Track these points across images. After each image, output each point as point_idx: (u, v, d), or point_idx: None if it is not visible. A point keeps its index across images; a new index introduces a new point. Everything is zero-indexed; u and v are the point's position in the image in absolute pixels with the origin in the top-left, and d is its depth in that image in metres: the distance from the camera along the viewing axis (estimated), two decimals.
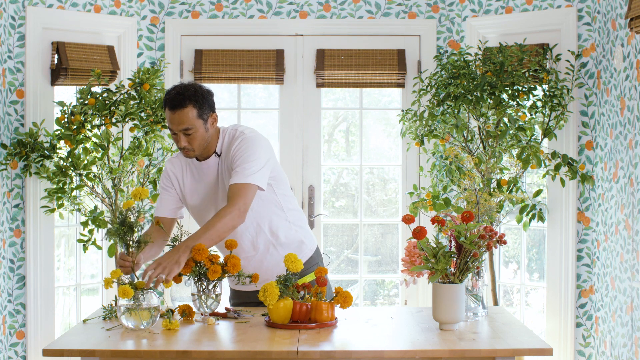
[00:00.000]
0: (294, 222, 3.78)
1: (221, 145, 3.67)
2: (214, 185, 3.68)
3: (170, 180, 3.75)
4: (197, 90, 3.55)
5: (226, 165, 3.63)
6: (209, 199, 3.71)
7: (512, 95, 4.83)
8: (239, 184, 3.49)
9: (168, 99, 3.53)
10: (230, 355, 3.07)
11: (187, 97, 3.51)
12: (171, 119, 3.52)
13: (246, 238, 3.70)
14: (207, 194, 3.70)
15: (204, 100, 3.56)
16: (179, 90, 3.53)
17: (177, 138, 3.56)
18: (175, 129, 3.53)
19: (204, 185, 3.70)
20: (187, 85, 3.57)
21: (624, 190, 4.40)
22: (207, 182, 3.69)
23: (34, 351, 4.94)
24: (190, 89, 3.54)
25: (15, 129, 4.85)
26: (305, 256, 3.80)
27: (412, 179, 5.49)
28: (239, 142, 3.62)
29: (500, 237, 3.27)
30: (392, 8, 5.48)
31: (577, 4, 4.95)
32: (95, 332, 3.29)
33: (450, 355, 3.03)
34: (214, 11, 5.49)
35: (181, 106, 3.50)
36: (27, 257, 4.90)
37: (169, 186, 3.75)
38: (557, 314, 5.06)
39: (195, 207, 3.75)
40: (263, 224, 3.71)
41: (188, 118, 3.51)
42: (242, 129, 3.71)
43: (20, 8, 4.85)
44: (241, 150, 3.58)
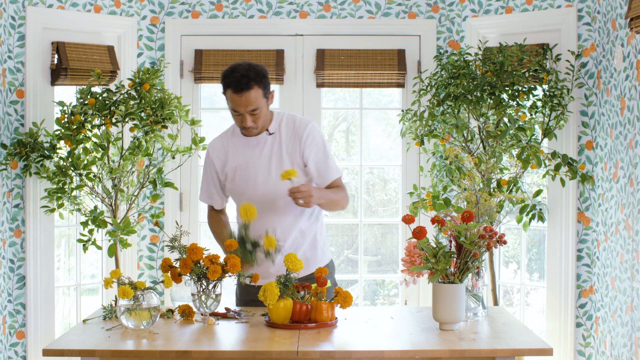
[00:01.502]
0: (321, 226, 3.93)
1: (277, 125, 3.80)
2: (258, 161, 3.78)
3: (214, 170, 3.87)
4: (258, 71, 3.65)
5: (286, 146, 3.76)
6: (250, 173, 3.80)
7: (512, 95, 4.83)
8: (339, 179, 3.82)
9: (232, 81, 3.62)
10: (230, 355, 3.07)
11: (252, 78, 3.61)
12: (237, 101, 3.62)
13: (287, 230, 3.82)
14: (251, 170, 3.80)
15: (266, 80, 3.69)
16: (243, 73, 3.61)
17: (241, 118, 3.68)
18: (242, 110, 3.64)
19: (249, 159, 3.80)
20: (248, 65, 3.66)
21: (624, 190, 4.40)
22: (253, 157, 3.79)
23: (34, 351, 4.94)
24: (252, 70, 3.64)
25: (15, 129, 4.85)
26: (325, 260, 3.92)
27: (412, 179, 5.49)
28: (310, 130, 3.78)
29: (500, 237, 3.28)
30: (392, 8, 5.48)
31: (577, 4, 4.95)
32: (95, 332, 3.29)
33: (450, 355, 3.04)
34: (214, 11, 5.49)
35: (247, 88, 3.60)
36: (27, 257, 4.90)
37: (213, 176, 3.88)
38: (557, 314, 5.06)
39: (237, 181, 3.83)
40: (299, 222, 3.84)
41: (255, 99, 3.63)
42: (302, 117, 3.89)
43: (20, 8, 4.85)
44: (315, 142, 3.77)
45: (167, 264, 3.48)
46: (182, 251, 3.48)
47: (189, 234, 3.67)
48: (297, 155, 3.77)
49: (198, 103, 5.56)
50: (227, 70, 3.67)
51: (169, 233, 5.25)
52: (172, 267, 3.48)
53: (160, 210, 5.44)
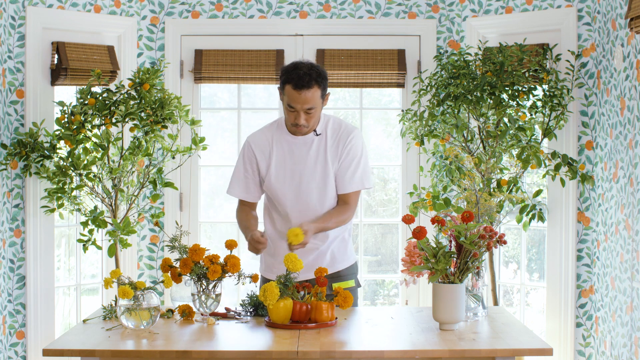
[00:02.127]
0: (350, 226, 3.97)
1: (324, 126, 3.83)
2: (304, 161, 3.80)
3: (255, 162, 3.87)
4: (320, 72, 3.69)
5: (330, 149, 3.79)
6: (295, 173, 3.82)
7: (512, 95, 4.83)
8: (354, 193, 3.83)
9: (294, 77, 3.64)
10: (230, 355, 3.07)
11: (314, 77, 3.64)
12: (296, 98, 3.65)
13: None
14: (296, 168, 3.81)
15: (326, 82, 3.72)
16: (305, 71, 3.64)
17: (295, 115, 3.70)
18: (299, 107, 3.66)
19: (294, 159, 3.82)
20: (310, 65, 3.70)
21: (624, 190, 4.40)
22: (297, 156, 3.81)
23: (34, 351, 4.94)
24: (314, 69, 3.67)
25: (15, 129, 4.85)
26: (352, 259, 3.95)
27: (412, 179, 5.49)
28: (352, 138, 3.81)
29: (500, 237, 3.28)
30: (392, 8, 5.48)
31: (577, 4, 4.95)
32: (95, 332, 3.29)
33: (450, 355, 3.04)
34: (214, 11, 5.49)
35: (308, 86, 3.63)
36: (27, 257, 4.90)
37: (253, 169, 3.88)
38: (557, 314, 5.06)
39: (279, 180, 3.84)
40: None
41: (313, 98, 3.66)
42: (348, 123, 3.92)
43: (20, 8, 4.85)
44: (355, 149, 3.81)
45: (167, 264, 3.48)
46: (182, 251, 3.48)
47: (189, 234, 3.67)
48: (337, 160, 3.80)
49: (198, 103, 5.56)
50: (289, 66, 3.70)
51: (169, 233, 5.25)
52: (172, 267, 3.48)
53: (160, 210, 5.44)
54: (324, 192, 3.81)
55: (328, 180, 3.80)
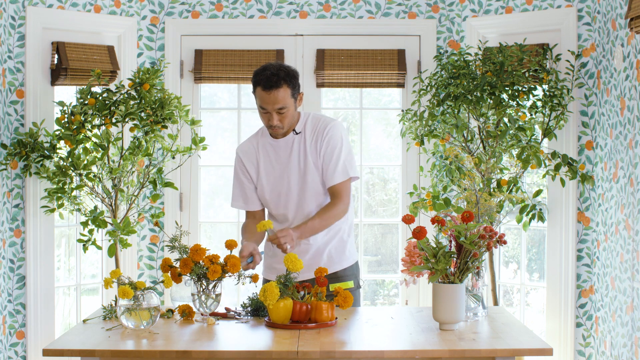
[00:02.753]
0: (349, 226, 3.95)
1: (303, 124, 3.84)
2: (288, 162, 3.82)
3: (246, 171, 3.89)
4: (289, 71, 3.70)
5: (309, 145, 3.79)
6: (283, 175, 3.83)
7: (512, 95, 4.83)
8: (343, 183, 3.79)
9: (262, 79, 3.66)
10: (230, 355, 3.07)
11: (282, 77, 3.66)
12: (266, 99, 3.67)
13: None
14: (282, 170, 3.83)
15: (296, 81, 3.73)
16: (273, 71, 3.66)
17: (268, 116, 3.71)
18: (270, 108, 3.68)
19: (279, 161, 3.84)
20: (279, 65, 3.71)
21: (624, 190, 4.40)
22: (282, 159, 3.83)
23: (34, 351, 4.94)
24: (283, 69, 3.69)
25: (15, 129, 4.85)
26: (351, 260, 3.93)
27: (412, 179, 5.49)
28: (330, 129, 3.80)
29: (500, 237, 3.28)
30: (392, 8, 5.48)
31: (577, 4, 4.95)
32: (95, 332, 3.29)
33: (450, 355, 3.03)
34: (214, 11, 5.49)
35: (277, 86, 3.65)
36: (27, 257, 4.90)
37: (247, 179, 3.89)
38: (557, 314, 5.06)
39: (269, 185, 3.86)
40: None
41: (283, 98, 3.67)
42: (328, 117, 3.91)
43: (20, 8, 4.85)
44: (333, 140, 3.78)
45: (167, 264, 3.48)
46: (182, 251, 3.48)
47: (189, 234, 3.67)
48: (317, 154, 3.80)
49: (198, 103, 5.56)
50: (259, 69, 3.72)
51: (169, 233, 5.25)
52: (172, 267, 3.48)
53: (160, 210, 5.44)
54: (311, 189, 3.81)
55: (312, 177, 3.80)
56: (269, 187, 3.85)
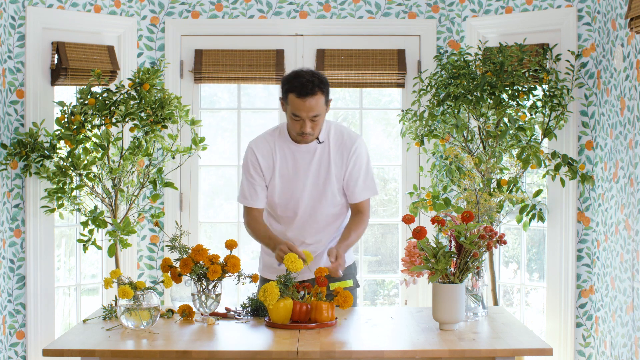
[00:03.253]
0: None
1: (326, 134, 3.82)
2: (307, 169, 3.81)
3: (259, 168, 3.85)
4: (322, 78, 3.69)
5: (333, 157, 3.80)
6: (298, 181, 3.82)
7: (512, 95, 4.83)
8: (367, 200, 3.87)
9: (296, 86, 3.63)
10: (230, 355, 3.07)
11: (317, 84, 3.64)
12: (301, 106, 3.63)
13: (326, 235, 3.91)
14: (298, 176, 3.82)
15: (328, 88, 3.72)
16: (308, 78, 3.64)
17: (301, 124, 3.68)
18: (304, 115, 3.65)
19: (297, 167, 3.82)
20: (311, 72, 3.70)
21: (624, 190, 4.40)
22: (301, 164, 3.81)
23: (34, 351, 4.94)
24: (316, 76, 3.67)
25: (15, 129, 4.85)
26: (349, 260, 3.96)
27: (412, 179, 5.49)
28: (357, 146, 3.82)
29: (500, 237, 3.28)
30: (392, 8, 5.48)
31: (577, 4, 4.95)
32: (95, 332, 3.29)
33: (450, 355, 3.04)
34: (214, 11, 5.49)
35: (312, 93, 3.63)
36: (27, 257, 4.90)
37: (259, 175, 3.86)
38: (557, 314, 5.06)
39: (282, 188, 3.85)
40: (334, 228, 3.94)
41: (317, 105, 3.65)
42: (350, 130, 3.91)
43: (20, 8, 4.85)
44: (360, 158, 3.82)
45: (167, 264, 3.48)
46: (182, 251, 3.48)
47: (189, 234, 3.67)
48: (342, 169, 3.82)
49: (198, 103, 5.56)
50: (291, 75, 3.68)
51: (169, 233, 5.25)
52: (172, 267, 3.48)
53: (160, 210, 5.44)
54: (327, 199, 3.84)
55: (331, 188, 3.82)
56: (280, 190, 3.84)
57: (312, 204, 3.83)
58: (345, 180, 3.82)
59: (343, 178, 3.83)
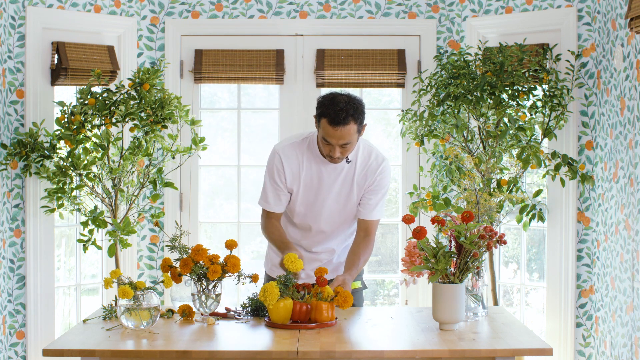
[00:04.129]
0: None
1: (355, 154, 3.80)
2: (331, 185, 3.80)
3: (283, 175, 3.82)
4: (357, 107, 3.62)
5: (358, 177, 3.79)
6: (320, 195, 3.82)
7: (512, 95, 4.83)
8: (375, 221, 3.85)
9: (331, 113, 3.57)
10: (230, 355, 3.07)
11: (351, 114, 3.57)
12: (331, 134, 3.60)
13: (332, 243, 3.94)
14: (321, 190, 3.82)
15: (363, 116, 3.66)
16: (342, 106, 3.57)
17: (330, 148, 3.65)
18: (334, 142, 3.62)
19: (321, 182, 3.81)
20: (348, 99, 3.61)
21: (624, 190, 4.40)
22: (326, 179, 3.80)
23: (34, 351, 4.94)
24: (352, 105, 3.59)
25: (15, 129, 4.85)
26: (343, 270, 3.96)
27: (412, 179, 5.49)
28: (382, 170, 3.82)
29: (500, 237, 3.28)
30: (392, 8, 5.48)
31: (577, 4, 4.95)
32: (95, 332, 3.29)
33: (450, 355, 3.04)
34: (214, 11, 5.49)
35: (344, 123, 3.57)
36: (27, 257, 4.90)
37: (282, 182, 3.83)
38: (557, 314, 5.06)
39: (304, 199, 3.85)
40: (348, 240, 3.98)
41: (349, 134, 3.60)
42: (378, 151, 3.89)
43: (20, 8, 4.85)
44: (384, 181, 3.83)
45: (167, 264, 3.48)
46: (182, 251, 3.48)
47: (189, 234, 3.67)
48: (363, 188, 3.82)
49: (198, 103, 5.56)
50: (327, 99, 3.62)
51: (169, 233, 5.25)
52: (172, 267, 3.48)
53: (160, 210, 5.44)
54: (344, 216, 3.86)
55: (351, 207, 3.84)
56: (301, 201, 3.85)
57: (331, 219, 3.85)
58: (363, 195, 3.82)
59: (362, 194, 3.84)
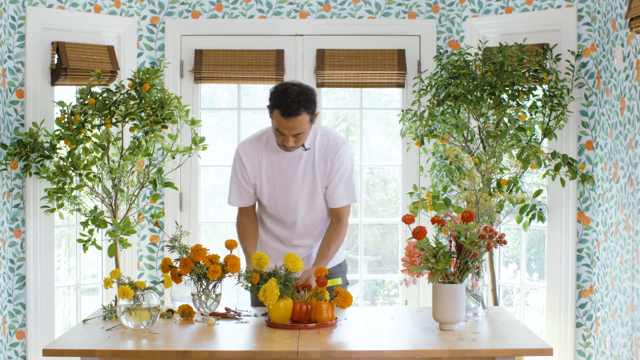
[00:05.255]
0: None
1: (312, 141, 3.82)
2: (293, 175, 3.82)
3: (245, 173, 3.87)
4: (308, 96, 3.65)
5: (318, 164, 3.80)
6: (284, 186, 3.85)
7: (512, 95, 4.83)
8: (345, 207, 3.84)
9: (282, 105, 3.60)
10: (230, 355, 3.07)
11: (302, 105, 3.60)
12: (284, 125, 3.62)
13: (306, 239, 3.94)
14: (284, 182, 3.84)
15: (314, 105, 3.69)
16: (293, 98, 3.59)
17: (284, 138, 3.68)
18: (287, 133, 3.65)
19: (282, 173, 3.84)
20: (299, 90, 3.64)
21: (624, 190, 4.40)
22: (286, 169, 3.83)
23: (34, 351, 4.94)
24: (303, 95, 3.62)
25: (15, 129, 4.85)
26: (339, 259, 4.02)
27: (412, 179, 5.49)
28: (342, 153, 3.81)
29: (500, 237, 3.28)
30: (392, 8, 5.48)
31: (577, 4, 4.95)
32: (95, 332, 3.29)
33: (450, 355, 3.04)
34: (214, 11, 5.49)
35: (296, 114, 3.60)
36: (27, 257, 4.90)
37: (245, 179, 3.88)
38: (557, 314, 5.06)
39: (269, 192, 3.87)
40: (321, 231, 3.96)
41: (301, 124, 3.64)
42: (338, 135, 3.88)
43: (20, 8, 4.85)
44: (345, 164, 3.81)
45: (167, 264, 3.48)
46: (182, 251, 3.48)
47: (189, 234, 3.68)
48: (326, 175, 3.82)
49: (198, 103, 5.56)
50: (279, 90, 3.65)
51: (169, 233, 5.25)
52: (172, 267, 3.48)
53: (160, 210, 5.44)
54: (312, 205, 3.86)
55: (316, 194, 3.85)
56: (268, 194, 3.88)
57: (300, 208, 3.86)
58: (327, 185, 3.83)
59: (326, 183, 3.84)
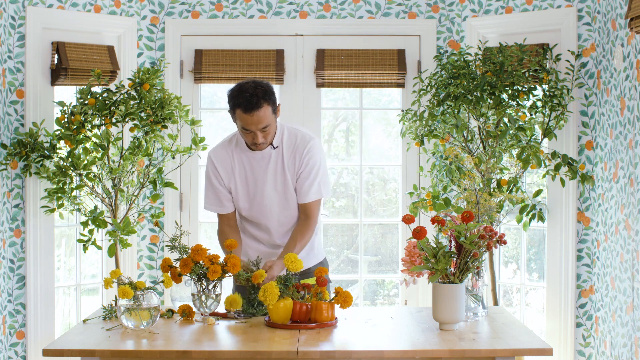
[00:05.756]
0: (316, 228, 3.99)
1: (280, 139, 3.82)
2: (264, 175, 3.82)
3: (220, 177, 3.87)
4: (266, 89, 3.66)
5: (287, 161, 3.79)
6: (257, 187, 3.84)
7: (512, 95, 4.83)
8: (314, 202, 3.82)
9: (242, 102, 3.61)
10: (230, 355, 3.07)
11: (261, 97, 3.61)
12: (249, 121, 3.63)
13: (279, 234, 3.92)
14: (257, 182, 3.84)
15: (273, 96, 3.70)
16: (252, 92, 3.61)
17: (252, 136, 3.68)
18: (253, 128, 3.65)
19: (254, 173, 3.83)
20: (254, 84, 3.66)
21: (624, 190, 4.40)
22: (257, 170, 3.83)
23: (34, 351, 4.94)
24: (260, 88, 3.64)
25: (15, 129, 4.85)
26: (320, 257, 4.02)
27: (412, 179, 5.49)
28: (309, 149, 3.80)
29: (500, 237, 3.28)
30: (392, 8, 5.48)
31: (577, 4, 4.95)
32: (95, 332, 3.29)
33: (450, 355, 3.04)
34: (214, 11, 5.49)
35: (258, 107, 3.61)
36: (27, 257, 4.90)
37: (220, 184, 3.88)
38: (557, 314, 5.06)
39: (243, 194, 3.87)
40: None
41: (265, 117, 3.64)
42: (305, 132, 3.88)
43: (20, 8, 4.85)
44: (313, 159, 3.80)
45: (167, 264, 3.49)
46: (182, 251, 3.48)
47: (188, 234, 3.68)
48: (295, 171, 3.82)
49: (198, 103, 5.56)
50: (235, 90, 3.66)
51: (169, 233, 5.25)
52: (172, 267, 3.48)
53: (160, 210, 5.44)
54: (286, 203, 3.86)
55: (288, 192, 3.84)
56: (243, 196, 3.88)
57: (275, 208, 3.86)
58: (297, 180, 3.83)
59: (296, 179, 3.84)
